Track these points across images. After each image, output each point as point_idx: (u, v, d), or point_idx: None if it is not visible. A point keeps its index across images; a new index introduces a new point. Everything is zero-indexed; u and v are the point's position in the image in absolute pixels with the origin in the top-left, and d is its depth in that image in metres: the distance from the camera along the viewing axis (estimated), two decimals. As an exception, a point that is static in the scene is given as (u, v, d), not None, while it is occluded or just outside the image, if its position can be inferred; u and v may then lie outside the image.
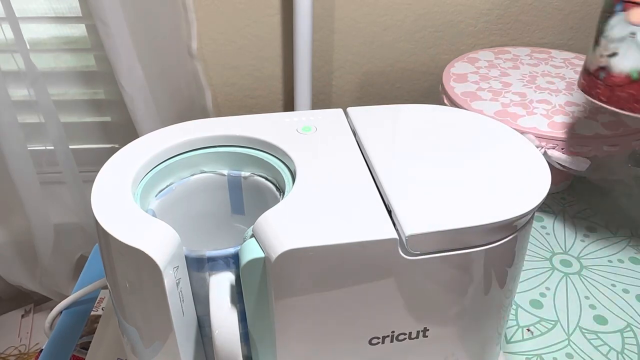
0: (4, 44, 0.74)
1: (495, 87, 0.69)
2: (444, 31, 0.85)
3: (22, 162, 0.80)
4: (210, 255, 0.32)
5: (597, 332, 0.50)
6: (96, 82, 0.87)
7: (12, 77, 0.78)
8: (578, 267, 0.57)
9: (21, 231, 0.92)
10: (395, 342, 0.35)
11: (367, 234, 0.30)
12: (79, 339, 0.52)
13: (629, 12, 0.45)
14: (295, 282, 0.31)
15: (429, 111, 0.43)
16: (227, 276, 0.33)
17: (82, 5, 0.79)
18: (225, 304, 0.32)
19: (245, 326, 0.34)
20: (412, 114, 0.43)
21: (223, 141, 0.40)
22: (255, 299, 0.32)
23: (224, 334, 0.31)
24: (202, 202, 0.41)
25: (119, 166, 0.37)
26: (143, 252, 0.30)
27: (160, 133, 0.40)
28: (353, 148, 0.39)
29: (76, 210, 0.90)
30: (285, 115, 0.43)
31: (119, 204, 0.34)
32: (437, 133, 0.40)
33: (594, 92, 0.50)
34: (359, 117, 0.42)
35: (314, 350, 0.34)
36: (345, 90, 0.90)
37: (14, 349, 1.01)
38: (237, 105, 0.91)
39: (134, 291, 0.33)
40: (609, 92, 0.48)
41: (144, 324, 0.35)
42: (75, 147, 0.86)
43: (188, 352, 0.35)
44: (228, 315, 0.32)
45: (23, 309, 1.07)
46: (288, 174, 0.38)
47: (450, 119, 0.42)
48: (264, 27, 0.83)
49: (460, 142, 0.39)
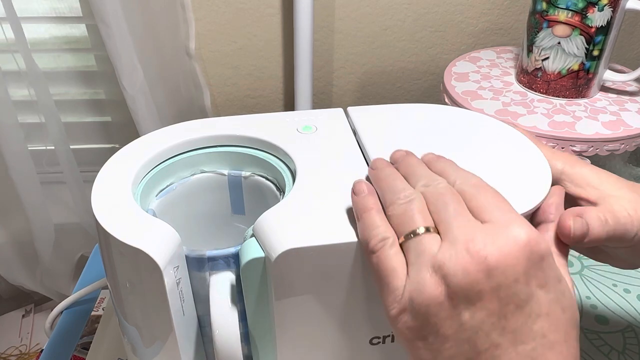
0: (5, 44, 0.74)
1: (496, 86, 0.69)
2: (445, 31, 0.85)
3: (23, 162, 0.80)
4: (210, 255, 0.32)
5: (598, 332, 0.50)
6: (96, 82, 0.87)
7: (13, 77, 0.78)
8: (579, 267, 0.57)
9: (22, 231, 0.92)
10: (396, 341, 0.35)
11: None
12: (80, 339, 0.52)
13: (554, 28, 0.63)
14: (295, 281, 0.31)
15: (429, 110, 0.43)
16: (228, 276, 0.33)
17: (82, 5, 0.79)
18: (225, 303, 0.32)
19: (246, 326, 0.34)
20: (412, 113, 0.43)
21: (223, 141, 0.40)
22: (255, 299, 0.32)
23: (224, 334, 0.31)
24: (202, 202, 0.41)
25: (120, 166, 0.37)
26: (143, 252, 0.30)
27: (161, 133, 0.40)
28: (353, 148, 0.39)
29: (77, 210, 0.90)
30: (286, 115, 0.43)
31: (119, 203, 0.34)
32: (437, 132, 0.40)
33: (534, 87, 0.67)
34: (360, 116, 0.42)
35: (314, 349, 0.34)
36: (345, 90, 0.90)
37: (15, 349, 1.01)
38: (238, 105, 0.90)
39: (135, 291, 0.33)
40: (546, 85, 0.66)
41: (144, 324, 0.35)
42: (75, 147, 0.86)
43: (188, 351, 0.34)
44: (228, 315, 0.31)
45: (24, 309, 1.08)
46: (288, 173, 0.37)
47: (451, 118, 0.42)
48: (264, 27, 0.83)
49: (460, 142, 0.39)
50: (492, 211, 0.27)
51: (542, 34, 0.64)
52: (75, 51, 0.85)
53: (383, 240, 0.28)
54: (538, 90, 0.67)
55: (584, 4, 0.59)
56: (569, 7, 0.60)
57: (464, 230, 0.26)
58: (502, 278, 0.25)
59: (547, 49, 0.64)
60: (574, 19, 0.60)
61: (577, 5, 0.60)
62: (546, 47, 0.64)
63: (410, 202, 0.29)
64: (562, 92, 0.66)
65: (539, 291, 0.26)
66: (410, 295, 0.26)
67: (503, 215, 0.27)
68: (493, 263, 0.25)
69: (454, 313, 0.25)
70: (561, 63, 0.64)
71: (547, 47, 0.64)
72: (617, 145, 0.60)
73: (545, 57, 0.64)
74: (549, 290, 0.26)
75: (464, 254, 0.25)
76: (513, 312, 0.25)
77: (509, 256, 0.25)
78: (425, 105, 0.44)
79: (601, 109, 0.64)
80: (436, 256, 0.26)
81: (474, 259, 0.25)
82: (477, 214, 0.27)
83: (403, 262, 0.28)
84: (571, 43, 0.62)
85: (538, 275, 0.26)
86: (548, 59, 0.64)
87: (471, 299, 0.25)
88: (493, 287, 0.25)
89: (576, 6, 0.60)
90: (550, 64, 0.64)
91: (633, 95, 0.68)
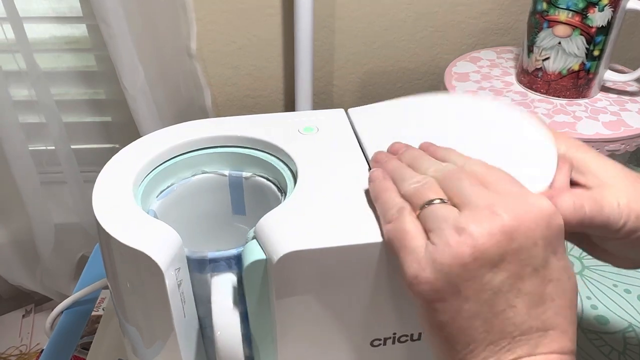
0: (5, 44, 0.74)
1: (496, 86, 0.69)
2: (445, 31, 0.85)
3: (24, 162, 0.80)
4: (212, 256, 0.32)
5: (598, 333, 0.50)
6: (97, 82, 0.87)
7: (14, 77, 0.78)
8: (580, 268, 0.57)
9: (22, 231, 0.92)
10: (397, 343, 0.35)
11: (369, 236, 0.30)
12: (80, 339, 0.52)
13: (554, 28, 0.63)
14: (297, 283, 0.31)
15: (429, 102, 0.42)
16: (229, 277, 0.33)
17: (82, 5, 0.79)
18: (227, 305, 0.32)
19: (247, 327, 0.34)
20: (412, 107, 0.42)
21: (224, 141, 0.40)
22: (257, 300, 0.32)
23: (226, 335, 0.31)
24: (203, 203, 0.41)
25: (120, 167, 0.37)
26: (144, 253, 0.30)
27: (162, 133, 0.40)
28: (355, 149, 0.39)
29: (77, 210, 0.90)
30: (287, 116, 0.43)
31: (120, 205, 0.34)
32: (438, 125, 0.39)
33: (535, 87, 0.68)
34: (360, 117, 0.42)
35: (315, 351, 0.34)
36: (346, 90, 0.90)
37: (15, 349, 1.01)
38: (238, 105, 0.90)
39: (135, 292, 0.33)
40: (547, 86, 0.67)
41: (145, 325, 0.35)
42: (76, 147, 0.86)
43: (189, 353, 0.34)
44: (230, 317, 0.31)
45: (24, 309, 1.08)
46: (289, 174, 0.37)
47: (452, 105, 0.42)
48: (264, 27, 0.83)
49: (462, 132, 0.38)
50: (506, 186, 0.28)
51: (543, 34, 0.64)
52: (75, 51, 0.85)
53: (400, 210, 0.29)
54: (538, 91, 0.67)
55: (584, 4, 0.59)
56: (569, 7, 0.60)
57: (484, 199, 0.27)
58: (523, 240, 0.26)
59: (548, 49, 0.64)
60: (574, 19, 0.60)
61: (577, 5, 0.60)
62: (547, 47, 0.64)
63: (423, 184, 0.29)
64: (562, 92, 0.66)
65: (552, 257, 0.27)
66: (433, 256, 0.26)
67: (520, 189, 0.28)
68: (516, 225, 0.26)
69: (477, 274, 0.26)
70: (562, 63, 0.64)
71: (548, 47, 0.64)
72: (617, 146, 0.60)
73: (545, 57, 0.65)
74: (560, 257, 0.27)
75: (487, 216, 0.26)
76: (530, 275, 0.26)
77: (530, 221, 0.26)
78: (424, 96, 0.43)
79: (602, 109, 0.64)
80: (459, 219, 0.26)
81: (498, 222, 0.26)
82: (493, 190, 0.28)
83: (421, 228, 0.28)
84: (572, 43, 0.62)
85: (553, 243, 0.27)
86: (548, 59, 0.64)
87: (494, 260, 0.26)
88: (515, 249, 0.26)
89: (577, 6, 0.60)
90: (550, 64, 0.65)
91: (633, 95, 0.68)
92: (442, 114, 0.41)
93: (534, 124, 0.37)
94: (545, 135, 0.35)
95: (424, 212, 0.28)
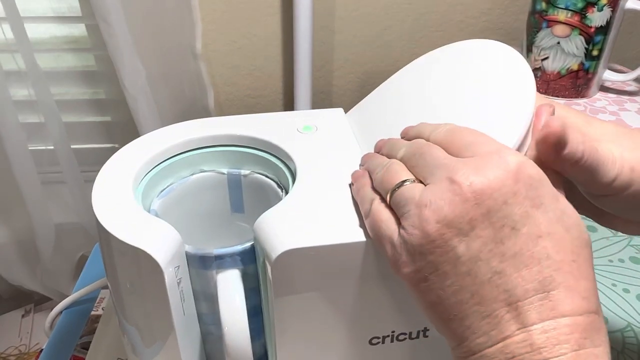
0: (5, 43, 0.74)
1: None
2: (445, 31, 0.85)
3: (24, 162, 0.81)
4: (218, 253, 0.32)
5: (597, 332, 0.50)
6: (97, 82, 0.87)
7: (14, 77, 0.78)
8: (579, 267, 0.57)
9: (22, 231, 0.92)
10: (395, 342, 0.35)
11: (367, 234, 0.30)
12: (79, 339, 0.52)
13: (553, 28, 0.63)
14: (295, 281, 0.31)
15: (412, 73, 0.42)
16: (235, 273, 0.33)
17: (82, 4, 0.79)
18: (234, 301, 0.32)
19: (254, 322, 0.34)
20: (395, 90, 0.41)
21: (223, 141, 0.40)
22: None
23: (234, 331, 0.31)
24: (202, 201, 0.41)
25: (120, 166, 0.37)
26: (144, 251, 0.30)
27: (161, 132, 0.40)
28: (353, 147, 0.39)
29: (77, 210, 0.90)
30: (286, 115, 0.43)
31: (119, 203, 0.34)
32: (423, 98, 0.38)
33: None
34: (356, 119, 0.42)
35: (313, 349, 0.34)
36: (345, 89, 0.90)
37: (14, 349, 1.01)
38: (238, 104, 0.91)
39: (135, 291, 0.33)
40: (545, 85, 0.67)
41: (144, 324, 0.35)
42: (76, 147, 0.86)
43: (189, 351, 0.35)
44: (238, 312, 0.31)
45: (23, 308, 1.07)
46: (288, 173, 0.38)
47: (442, 65, 0.41)
48: (264, 27, 0.83)
49: (443, 96, 0.37)
50: (472, 148, 0.27)
51: (542, 33, 0.64)
52: (75, 51, 0.85)
53: (371, 201, 0.29)
54: (537, 90, 0.66)
55: (583, 3, 0.60)
56: (568, 7, 0.60)
57: (446, 168, 0.26)
58: (490, 202, 0.25)
59: (547, 49, 0.64)
60: (573, 18, 0.61)
61: (576, 5, 0.60)
62: (546, 47, 0.64)
63: (388, 167, 0.30)
64: (561, 92, 0.66)
65: (536, 211, 0.25)
66: (404, 239, 0.26)
67: (485, 148, 0.27)
68: (479, 189, 0.25)
69: (448, 247, 0.25)
70: (560, 63, 0.64)
71: (547, 47, 0.64)
72: (616, 145, 0.60)
73: (544, 57, 0.65)
74: (547, 209, 0.25)
75: (447, 186, 0.25)
76: (509, 235, 0.25)
77: (494, 180, 0.25)
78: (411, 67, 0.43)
79: (600, 109, 0.64)
80: (421, 197, 0.26)
81: (459, 189, 0.25)
82: (460, 156, 0.27)
83: (391, 215, 0.28)
84: (570, 43, 0.62)
85: (530, 196, 0.25)
86: (547, 58, 0.65)
87: (463, 229, 0.25)
88: (483, 213, 0.25)
89: (575, 6, 0.60)
90: (549, 64, 0.65)
91: (632, 95, 0.68)
92: (433, 79, 0.40)
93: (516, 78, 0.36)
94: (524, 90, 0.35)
95: (394, 197, 0.28)
